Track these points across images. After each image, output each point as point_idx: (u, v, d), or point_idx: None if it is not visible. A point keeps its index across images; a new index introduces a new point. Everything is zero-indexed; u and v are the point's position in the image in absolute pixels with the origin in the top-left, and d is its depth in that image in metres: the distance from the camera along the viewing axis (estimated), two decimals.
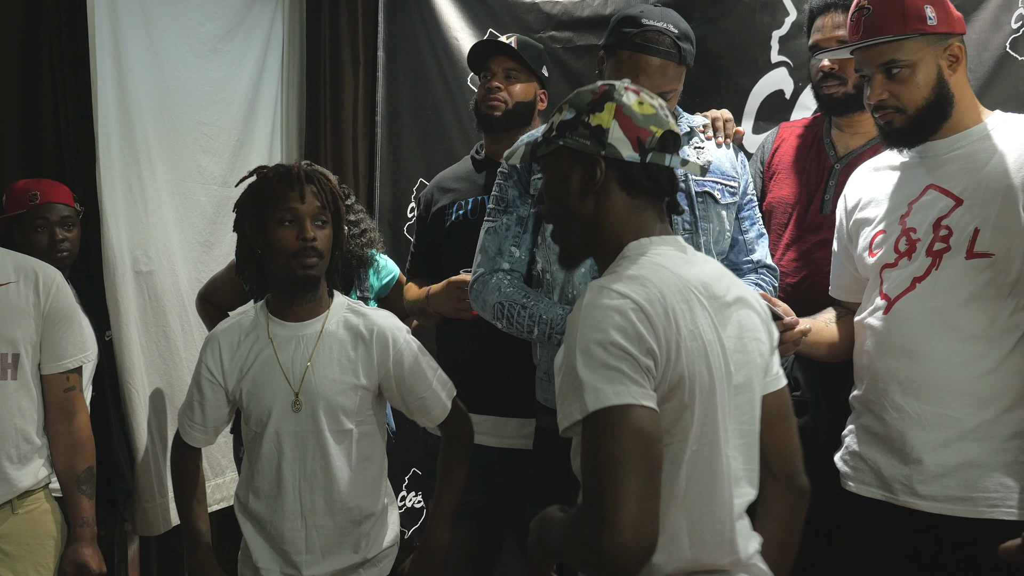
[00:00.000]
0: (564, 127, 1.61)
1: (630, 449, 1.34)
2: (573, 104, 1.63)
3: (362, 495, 2.19)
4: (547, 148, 1.64)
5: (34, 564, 2.30)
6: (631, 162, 1.57)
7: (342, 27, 3.81)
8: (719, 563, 1.50)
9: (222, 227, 3.52)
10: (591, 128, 1.58)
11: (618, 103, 1.58)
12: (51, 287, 2.35)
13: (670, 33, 2.26)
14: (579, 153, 1.58)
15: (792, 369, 2.39)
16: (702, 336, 1.48)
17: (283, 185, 2.12)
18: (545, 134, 1.65)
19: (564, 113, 1.63)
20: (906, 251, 2.09)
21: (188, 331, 3.34)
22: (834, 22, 2.47)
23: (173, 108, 3.33)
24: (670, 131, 1.60)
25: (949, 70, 2.05)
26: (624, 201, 1.58)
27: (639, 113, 1.58)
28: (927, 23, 2.02)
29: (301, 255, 2.11)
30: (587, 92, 1.63)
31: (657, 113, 1.60)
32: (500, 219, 2.45)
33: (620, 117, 1.57)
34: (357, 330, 2.18)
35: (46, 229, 2.89)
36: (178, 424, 2.29)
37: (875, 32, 2.04)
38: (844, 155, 2.54)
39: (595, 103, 1.59)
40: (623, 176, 1.57)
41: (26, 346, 2.31)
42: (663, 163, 1.59)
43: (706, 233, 2.38)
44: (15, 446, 2.29)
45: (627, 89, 1.62)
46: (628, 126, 1.57)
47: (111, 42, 3.05)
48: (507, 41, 2.82)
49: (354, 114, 3.82)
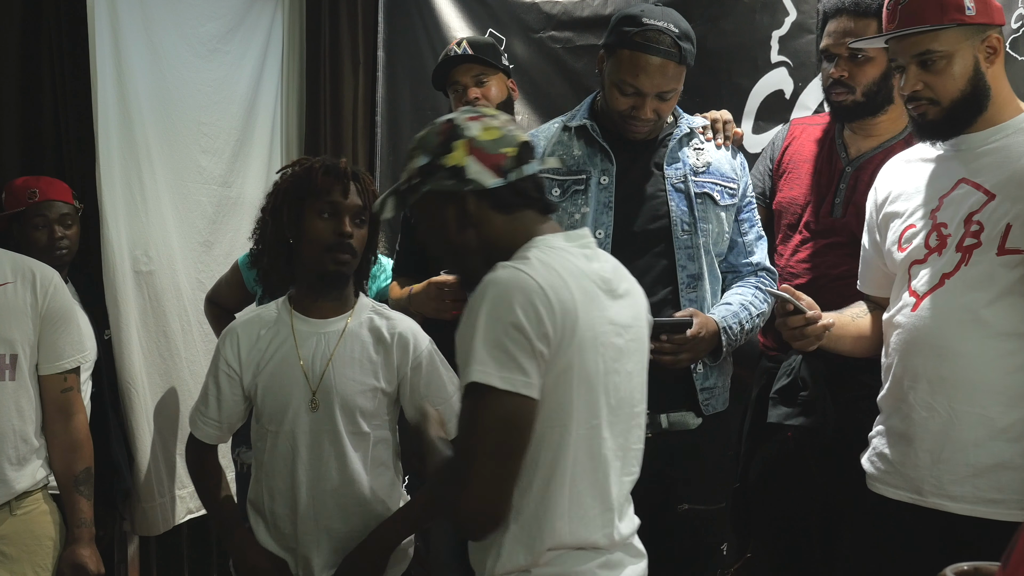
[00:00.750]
0: (424, 172, 1.65)
1: (497, 431, 1.46)
2: (423, 149, 1.66)
3: (376, 500, 2.15)
4: (414, 196, 1.67)
5: (32, 565, 2.29)
6: (496, 187, 1.62)
7: (342, 27, 3.81)
8: (599, 542, 1.59)
9: (222, 227, 3.52)
10: (448, 169, 1.62)
11: (466, 139, 1.63)
12: (48, 287, 2.34)
13: (671, 32, 2.26)
14: (446, 194, 1.63)
15: (800, 369, 2.37)
16: (595, 326, 1.55)
17: (328, 178, 2.11)
18: (407, 181, 1.69)
19: (418, 159, 1.66)
20: (936, 246, 2.03)
21: (188, 331, 3.34)
22: (845, 27, 2.40)
23: (173, 108, 3.33)
24: (522, 143, 1.65)
25: (986, 62, 1.99)
26: (502, 219, 1.64)
27: (487, 140, 1.63)
28: (965, 13, 1.96)
29: (336, 249, 2.09)
30: (432, 135, 1.67)
31: (503, 134, 1.64)
32: None
33: (472, 151, 1.62)
34: (380, 332, 2.16)
35: (45, 227, 2.89)
36: (190, 422, 2.24)
37: (911, 21, 1.99)
38: (856, 157, 2.48)
39: (444, 144, 1.64)
40: (493, 201, 1.63)
41: (24, 347, 2.30)
42: (524, 175, 1.64)
43: (705, 234, 2.38)
44: (14, 447, 2.28)
45: (468, 120, 1.66)
46: (482, 157, 1.62)
47: (111, 42, 3.04)
48: (460, 50, 2.84)
49: (354, 114, 3.82)
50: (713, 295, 2.41)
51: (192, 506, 3.35)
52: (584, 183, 2.36)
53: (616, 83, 2.30)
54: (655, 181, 2.38)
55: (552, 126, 2.49)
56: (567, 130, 2.43)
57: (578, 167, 2.38)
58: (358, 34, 3.82)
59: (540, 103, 3.52)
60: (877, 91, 2.41)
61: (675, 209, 2.36)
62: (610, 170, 2.36)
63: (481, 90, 2.81)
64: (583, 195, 2.35)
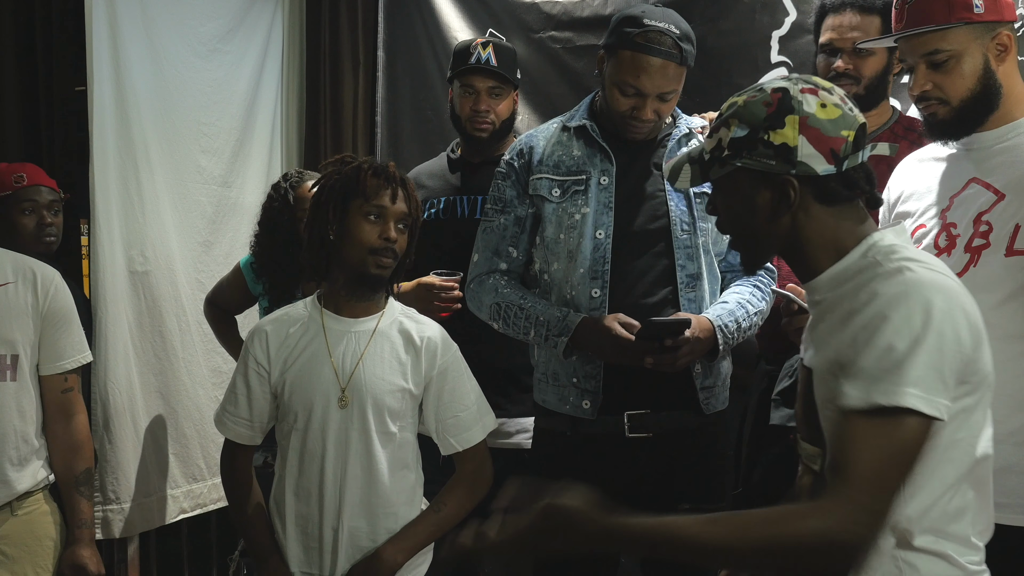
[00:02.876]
0: (739, 145, 1.45)
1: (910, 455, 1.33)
2: (743, 119, 1.46)
3: (400, 502, 2.15)
4: (722, 170, 1.49)
5: (33, 565, 2.30)
6: (827, 175, 1.43)
7: (342, 27, 3.81)
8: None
9: (222, 227, 3.52)
10: (775, 147, 1.43)
11: (800, 115, 1.43)
12: (49, 287, 2.34)
13: (671, 34, 2.26)
14: (763, 174, 1.45)
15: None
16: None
17: (378, 180, 2.11)
18: (713, 152, 1.49)
19: (734, 129, 1.46)
20: (946, 247, 2.00)
21: (186, 331, 3.34)
22: (851, 22, 2.41)
23: (173, 108, 3.33)
24: (861, 126, 1.46)
25: (997, 60, 1.96)
26: (825, 213, 1.46)
27: (825, 120, 1.43)
28: (973, 11, 1.93)
29: (380, 253, 2.09)
30: (758, 105, 1.46)
31: (843, 113, 1.44)
32: (498, 219, 2.45)
33: (806, 131, 1.42)
34: (410, 335, 2.17)
35: (34, 212, 2.86)
36: (217, 424, 2.22)
37: (919, 21, 1.96)
38: None
39: (772, 117, 1.44)
40: (819, 190, 1.44)
41: (25, 347, 2.30)
42: (858, 163, 1.45)
43: (704, 234, 2.38)
44: (15, 448, 2.28)
45: (804, 92, 1.45)
46: (817, 139, 1.42)
47: (110, 42, 3.05)
48: (486, 55, 2.82)
49: (354, 114, 3.82)
50: (712, 294, 2.40)
51: (186, 506, 3.35)
52: (584, 183, 2.36)
53: (617, 84, 2.30)
54: (654, 181, 2.38)
55: (551, 126, 2.49)
56: (566, 130, 2.43)
57: (578, 167, 2.38)
58: (358, 34, 3.82)
59: (540, 103, 3.52)
60: (877, 85, 2.43)
61: (674, 209, 2.36)
62: (610, 170, 2.36)
63: (493, 102, 2.80)
64: (583, 195, 2.35)
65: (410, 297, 2.58)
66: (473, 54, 2.82)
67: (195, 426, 3.34)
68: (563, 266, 2.36)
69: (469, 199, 2.84)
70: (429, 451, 2.27)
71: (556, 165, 2.39)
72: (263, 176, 3.69)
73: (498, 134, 2.83)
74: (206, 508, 3.43)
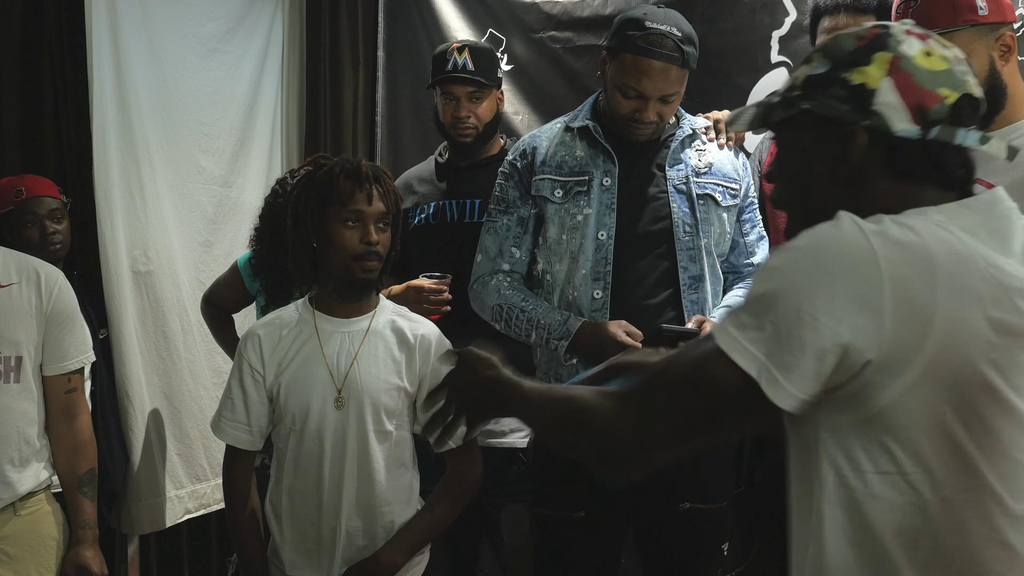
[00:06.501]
0: (812, 84, 1.21)
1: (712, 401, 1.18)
2: (828, 53, 1.22)
3: (397, 500, 2.16)
4: (785, 112, 1.23)
5: (36, 566, 2.30)
6: (905, 138, 1.16)
7: (342, 27, 3.81)
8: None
9: (222, 227, 3.52)
10: (850, 88, 1.18)
11: (894, 54, 1.17)
12: (53, 288, 2.34)
13: (674, 36, 2.26)
14: (830, 122, 1.19)
15: None
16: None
17: (350, 183, 2.08)
18: (784, 92, 1.25)
19: (814, 64, 1.23)
20: None
21: (188, 331, 3.34)
22: (845, 24, 2.39)
23: (173, 108, 3.33)
24: (967, 95, 1.19)
25: (1001, 60, 1.96)
26: (889, 189, 1.17)
27: (924, 68, 1.17)
28: (978, 13, 1.92)
29: (364, 258, 2.08)
30: (848, 37, 1.22)
31: (951, 69, 1.19)
32: (500, 219, 2.45)
33: (896, 73, 1.17)
34: (403, 334, 2.17)
35: (36, 224, 2.87)
36: (215, 430, 2.20)
37: (923, 24, 1.94)
38: None
39: (860, 52, 1.19)
40: (892, 156, 1.17)
41: (29, 348, 2.30)
42: (953, 140, 1.17)
43: (707, 235, 2.38)
44: (17, 449, 2.28)
45: (909, 33, 1.21)
46: (906, 86, 1.16)
47: (110, 42, 3.04)
48: (462, 60, 2.79)
49: (354, 114, 3.82)
50: (714, 296, 2.41)
51: (190, 506, 3.35)
52: (587, 184, 2.36)
53: (619, 86, 2.30)
54: (657, 182, 2.39)
55: (554, 127, 2.49)
56: (569, 131, 2.44)
57: (580, 168, 2.38)
58: (358, 34, 3.82)
59: (540, 103, 3.52)
60: None
61: (677, 211, 2.37)
62: (612, 171, 2.36)
63: (473, 107, 2.78)
64: (586, 196, 2.35)
65: (400, 300, 2.59)
66: (449, 60, 2.79)
67: (198, 426, 3.34)
68: (565, 267, 2.36)
69: (458, 203, 2.83)
70: (422, 449, 2.27)
71: (559, 166, 2.40)
72: (263, 176, 3.68)
73: (483, 137, 2.81)
74: (210, 508, 3.43)
